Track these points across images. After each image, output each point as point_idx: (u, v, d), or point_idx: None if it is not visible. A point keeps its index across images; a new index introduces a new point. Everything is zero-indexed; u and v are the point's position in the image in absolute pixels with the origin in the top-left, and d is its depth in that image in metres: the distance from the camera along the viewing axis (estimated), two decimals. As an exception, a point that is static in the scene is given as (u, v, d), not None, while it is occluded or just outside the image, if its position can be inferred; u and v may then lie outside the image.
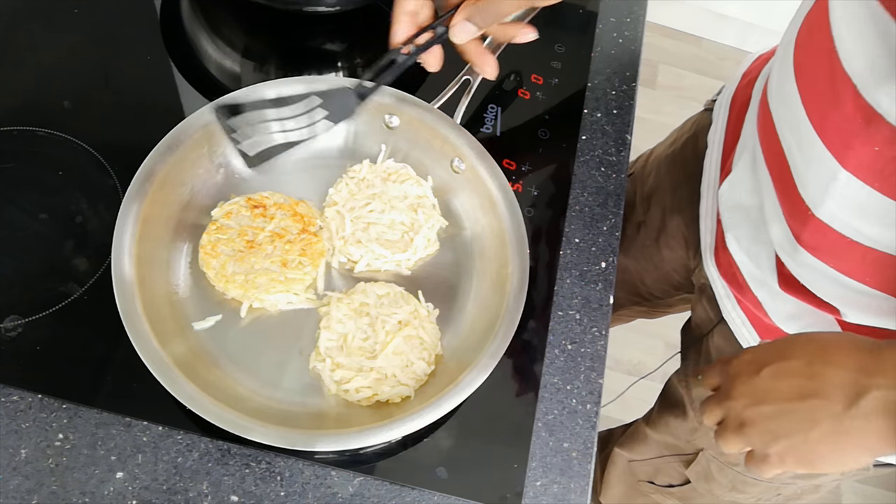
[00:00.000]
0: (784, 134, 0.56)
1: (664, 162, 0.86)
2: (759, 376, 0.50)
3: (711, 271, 0.71)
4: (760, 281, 0.65)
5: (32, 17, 0.73)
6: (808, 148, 0.52)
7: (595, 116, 0.77)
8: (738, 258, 0.66)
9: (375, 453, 0.56)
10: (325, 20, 0.77)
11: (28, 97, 0.68)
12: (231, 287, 0.58)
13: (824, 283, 0.58)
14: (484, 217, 0.64)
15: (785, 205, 0.58)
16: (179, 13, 0.77)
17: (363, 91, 0.62)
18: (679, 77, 2.11)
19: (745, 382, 0.51)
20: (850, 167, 0.49)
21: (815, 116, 0.52)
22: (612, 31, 0.83)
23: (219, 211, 0.62)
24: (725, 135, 0.73)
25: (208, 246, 0.60)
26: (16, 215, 0.62)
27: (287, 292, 0.59)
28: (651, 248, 0.86)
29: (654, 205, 0.85)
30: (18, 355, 0.56)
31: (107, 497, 0.52)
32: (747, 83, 0.72)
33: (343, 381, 0.56)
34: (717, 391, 0.54)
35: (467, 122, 0.66)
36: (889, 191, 0.48)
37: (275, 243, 0.60)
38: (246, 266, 0.59)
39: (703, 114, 0.81)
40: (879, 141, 0.47)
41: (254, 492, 0.54)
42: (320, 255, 0.61)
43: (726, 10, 2.07)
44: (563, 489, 0.58)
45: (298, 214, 0.62)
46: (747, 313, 0.69)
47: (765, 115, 0.60)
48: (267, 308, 0.60)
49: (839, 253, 0.55)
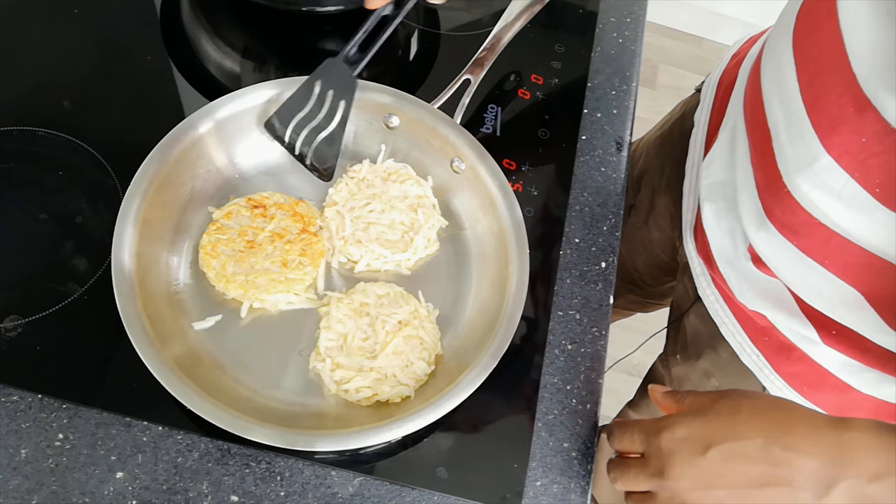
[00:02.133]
0: (772, 108, 0.56)
1: (653, 144, 0.86)
2: (706, 457, 0.46)
3: (690, 248, 0.71)
4: (727, 259, 0.64)
5: (32, 16, 0.73)
6: (795, 126, 0.52)
7: (595, 116, 0.77)
8: (711, 234, 0.66)
9: (375, 453, 0.56)
10: (325, 20, 0.77)
11: (28, 97, 0.68)
12: (231, 287, 0.58)
13: (785, 260, 0.57)
14: (484, 217, 0.64)
15: (760, 176, 0.57)
16: (179, 13, 0.77)
17: (350, 59, 0.62)
18: (679, 77, 2.11)
19: (688, 463, 0.47)
20: (833, 153, 0.49)
21: (809, 97, 0.51)
22: (612, 31, 0.83)
23: (219, 212, 0.62)
24: (711, 114, 0.73)
25: (208, 246, 0.60)
26: (16, 215, 0.62)
27: (287, 292, 0.59)
28: (641, 230, 0.87)
29: (644, 186, 0.86)
30: (18, 355, 0.56)
31: (107, 497, 0.52)
32: (735, 64, 0.72)
33: (343, 381, 0.56)
34: (641, 461, 0.50)
35: (467, 122, 0.66)
36: (867, 183, 0.48)
37: (275, 243, 0.60)
38: (246, 266, 0.59)
39: (693, 96, 0.82)
40: (869, 133, 0.46)
41: (254, 492, 0.54)
42: (320, 255, 0.61)
43: (726, 10, 2.07)
44: (563, 489, 0.58)
45: (298, 214, 0.62)
46: (720, 290, 0.68)
47: (753, 87, 0.60)
48: (267, 308, 0.60)
49: (805, 231, 0.54)
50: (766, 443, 0.46)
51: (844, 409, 0.64)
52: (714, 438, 0.47)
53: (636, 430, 0.50)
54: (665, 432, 0.48)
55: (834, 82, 0.48)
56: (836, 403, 0.64)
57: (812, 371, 0.63)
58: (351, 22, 0.66)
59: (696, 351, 0.75)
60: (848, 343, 0.58)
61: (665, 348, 0.84)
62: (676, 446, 0.47)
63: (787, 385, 0.66)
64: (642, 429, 0.50)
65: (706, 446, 0.47)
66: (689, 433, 0.47)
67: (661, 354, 0.86)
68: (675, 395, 0.53)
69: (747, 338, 0.67)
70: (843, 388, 0.62)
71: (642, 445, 0.50)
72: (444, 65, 0.64)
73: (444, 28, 0.80)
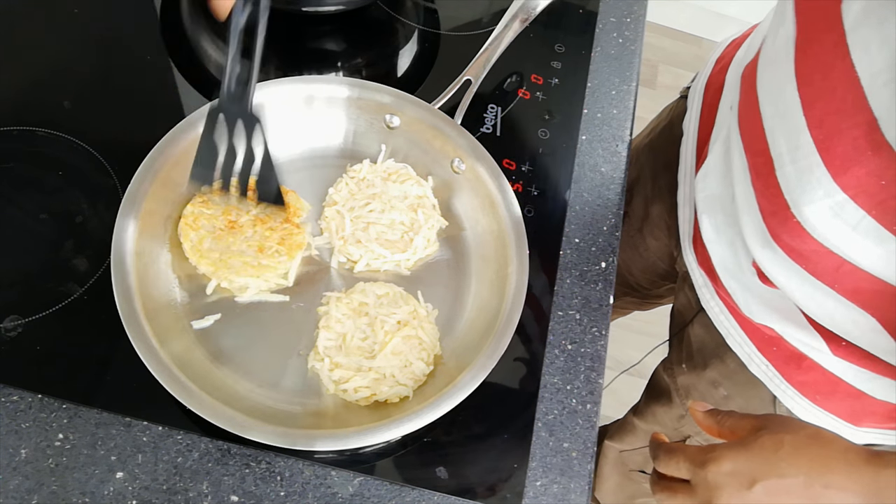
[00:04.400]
0: (775, 138, 0.55)
1: (643, 151, 0.86)
2: (751, 492, 0.49)
3: (690, 260, 0.71)
4: (730, 273, 0.64)
5: (32, 16, 0.73)
6: (803, 160, 0.51)
7: (595, 116, 0.77)
8: (711, 248, 0.65)
9: (375, 453, 0.56)
10: (325, 20, 0.77)
11: (28, 97, 0.68)
12: (203, 263, 0.58)
13: (794, 282, 0.57)
14: (484, 217, 0.64)
15: (764, 201, 0.57)
16: (179, 13, 0.77)
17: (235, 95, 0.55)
18: (679, 77, 2.11)
19: (734, 496, 0.49)
20: (849, 192, 0.49)
21: (819, 135, 0.50)
22: (612, 31, 0.83)
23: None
24: (700, 122, 0.73)
25: (190, 217, 0.59)
26: (16, 215, 0.62)
27: (257, 278, 0.59)
28: (636, 238, 0.87)
29: (637, 194, 0.85)
30: (18, 355, 0.56)
31: (107, 497, 0.52)
32: (720, 69, 0.71)
33: (342, 381, 0.56)
34: (688, 489, 0.52)
35: (467, 122, 0.66)
36: (885, 221, 0.48)
37: (256, 228, 0.60)
38: (222, 245, 0.59)
39: (679, 101, 0.81)
40: (889, 176, 0.46)
41: (254, 492, 0.54)
42: (298, 247, 0.61)
43: (726, 10, 2.07)
44: (563, 489, 0.58)
45: (286, 203, 0.61)
46: (725, 302, 0.68)
47: (749, 106, 0.58)
48: (234, 292, 0.59)
49: (815, 258, 0.54)
50: (807, 480, 0.48)
51: (858, 415, 0.64)
52: (759, 474, 0.49)
53: (682, 458, 0.52)
54: (711, 465, 0.50)
55: (851, 124, 0.47)
56: (850, 410, 0.64)
57: (824, 379, 0.63)
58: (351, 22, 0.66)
59: (703, 361, 0.74)
60: (859, 354, 0.58)
61: (669, 356, 0.84)
62: (723, 480, 0.49)
63: (799, 393, 0.66)
64: (688, 457, 0.52)
65: (752, 481, 0.49)
66: (735, 468, 0.49)
67: (664, 360, 0.85)
68: (716, 415, 0.55)
69: (755, 348, 0.67)
70: (858, 395, 0.62)
71: (689, 474, 0.52)
72: (444, 65, 0.64)
73: (444, 28, 0.80)
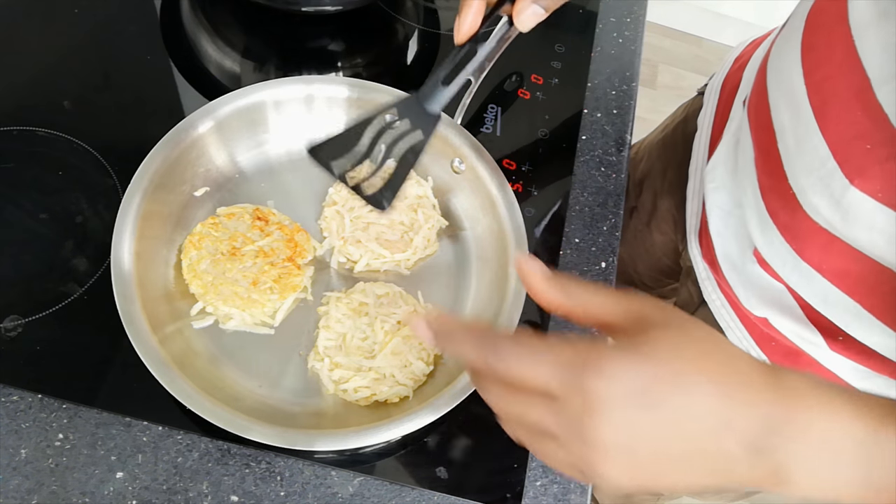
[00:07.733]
0: (778, 110, 0.54)
1: (656, 146, 0.86)
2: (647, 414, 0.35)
3: (695, 253, 0.71)
4: (732, 264, 0.64)
5: (32, 16, 0.73)
6: (803, 128, 0.51)
7: (595, 116, 0.77)
8: (716, 239, 0.65)
9: (375, 453, 0.56)
10: (325, 20, 0.77)
11: (28, 97, 0.68)
12: (195, 283, 0.58)
13: (787, 266, 0.57)
14: (484, 217, 0.64)
15: (764, 178, 0.57)
16: (179, 13, 0.77)
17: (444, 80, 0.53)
18: (679, 77, 2.11)
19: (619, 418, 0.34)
20: (862, 186, 0.48)
21: (816, 101, 0.50)
22: (612, 31, 0.83)
23: (223, 209, 0.62)
24: (715, 118, 0.73)
25: (196, 236, 0.59)
26: (16, 215, 0.62)
27: (243, 311, 0.58)
28: (643, 233, 0.87)
29: (646, 189, 0.85)
30: (18, 355, 0.56)
31: (107, 497, 0.52)
32: (738, 67, 0.71)
33: (341, 381, 0.56)
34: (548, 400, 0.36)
35: (467, 122, 0.66)
36: (871, 189, 0.47)
37: (256, 260, 0.59)
38: (218, 270, 0.58)
39: (695, 98, 0.81)
40: (875, 140, 0.45)
41: (254, 492, 0.54)
42: (292, 288, 0.59)
43: (726, 10, 2.07)
44: (562, 489, 0.58)
45: (293, 241, 0.61)
46: (726, 296, 0.68)
47: (759, 89, 0.59)
48: (218, 318, 0.58)
49: (804, 235, 0.54)
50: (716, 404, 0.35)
51: None
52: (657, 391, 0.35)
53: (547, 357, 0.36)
54: (591, 371, 0.35)
55: (845, 85, 0.47)
56: None
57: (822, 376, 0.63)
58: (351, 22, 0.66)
59: None
60: (855, 349, 0.58)
61: None
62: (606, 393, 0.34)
63: None
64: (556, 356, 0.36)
65: (648, 401, 0.34)
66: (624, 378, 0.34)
67: None
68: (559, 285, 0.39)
69: (754, 343, 0.67)
70: None
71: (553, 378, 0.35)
72: (443, 65, 0.64)
73: (444, 28, 0.80)
